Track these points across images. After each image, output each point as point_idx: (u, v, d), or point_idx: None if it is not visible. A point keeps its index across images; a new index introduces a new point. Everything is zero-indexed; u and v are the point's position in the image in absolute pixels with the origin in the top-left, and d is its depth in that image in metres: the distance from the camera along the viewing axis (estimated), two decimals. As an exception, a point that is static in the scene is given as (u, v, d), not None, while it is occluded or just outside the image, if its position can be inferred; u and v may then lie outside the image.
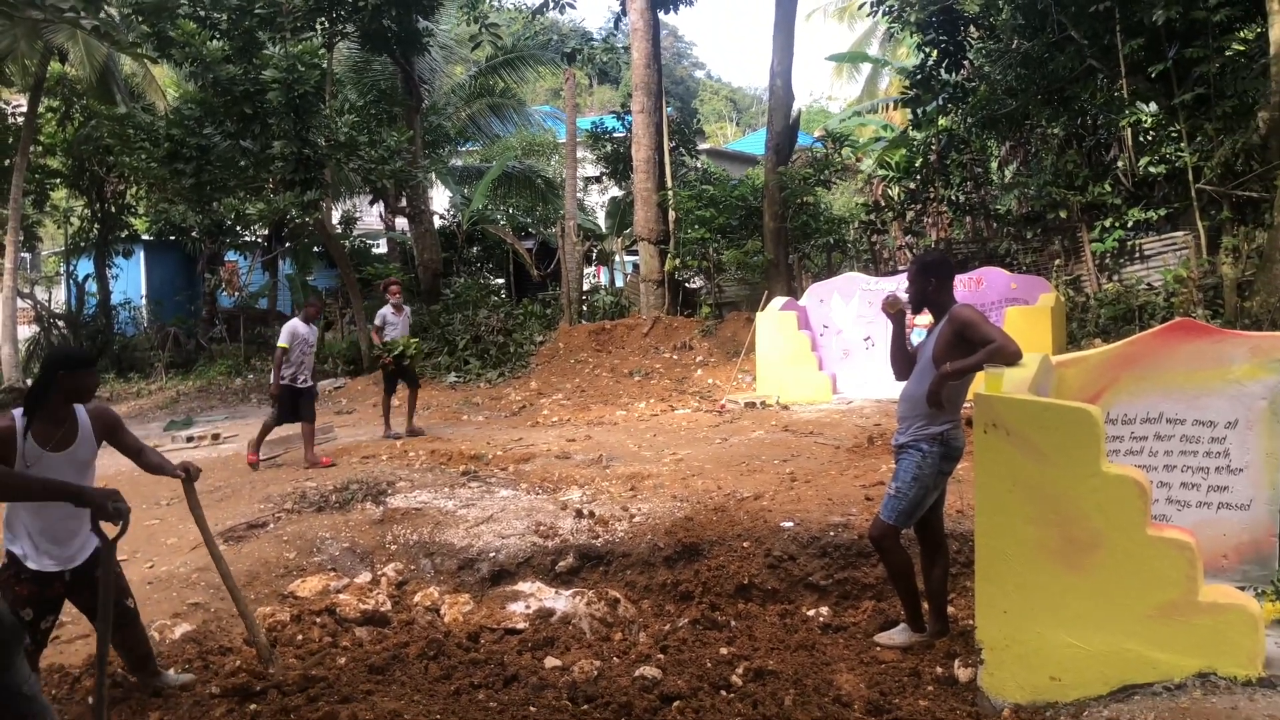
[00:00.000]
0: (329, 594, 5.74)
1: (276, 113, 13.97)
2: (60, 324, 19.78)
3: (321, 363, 16.79)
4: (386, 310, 10.84)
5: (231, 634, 5.18)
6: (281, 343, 9.28)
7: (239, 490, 8.08)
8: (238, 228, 19.53)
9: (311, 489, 7.79)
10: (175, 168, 14.14)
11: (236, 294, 21.19)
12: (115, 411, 4.35)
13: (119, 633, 4.22)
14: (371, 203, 21.79)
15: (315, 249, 20.93)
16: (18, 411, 3.95)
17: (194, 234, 19.97)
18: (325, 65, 15.84)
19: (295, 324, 9.40)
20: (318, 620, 5.29)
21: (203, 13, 14.72)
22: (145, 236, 21.57)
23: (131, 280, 21.75)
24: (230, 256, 22.05)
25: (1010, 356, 4.14)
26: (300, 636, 5.11)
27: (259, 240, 21.32)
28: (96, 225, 19.59)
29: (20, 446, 3.84)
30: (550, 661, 4.61)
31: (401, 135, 16.26)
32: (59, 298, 22.27)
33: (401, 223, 20.95)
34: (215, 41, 14.20)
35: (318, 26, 16.90)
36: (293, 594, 5.85)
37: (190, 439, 11.14)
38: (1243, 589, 3.93)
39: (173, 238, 21.24)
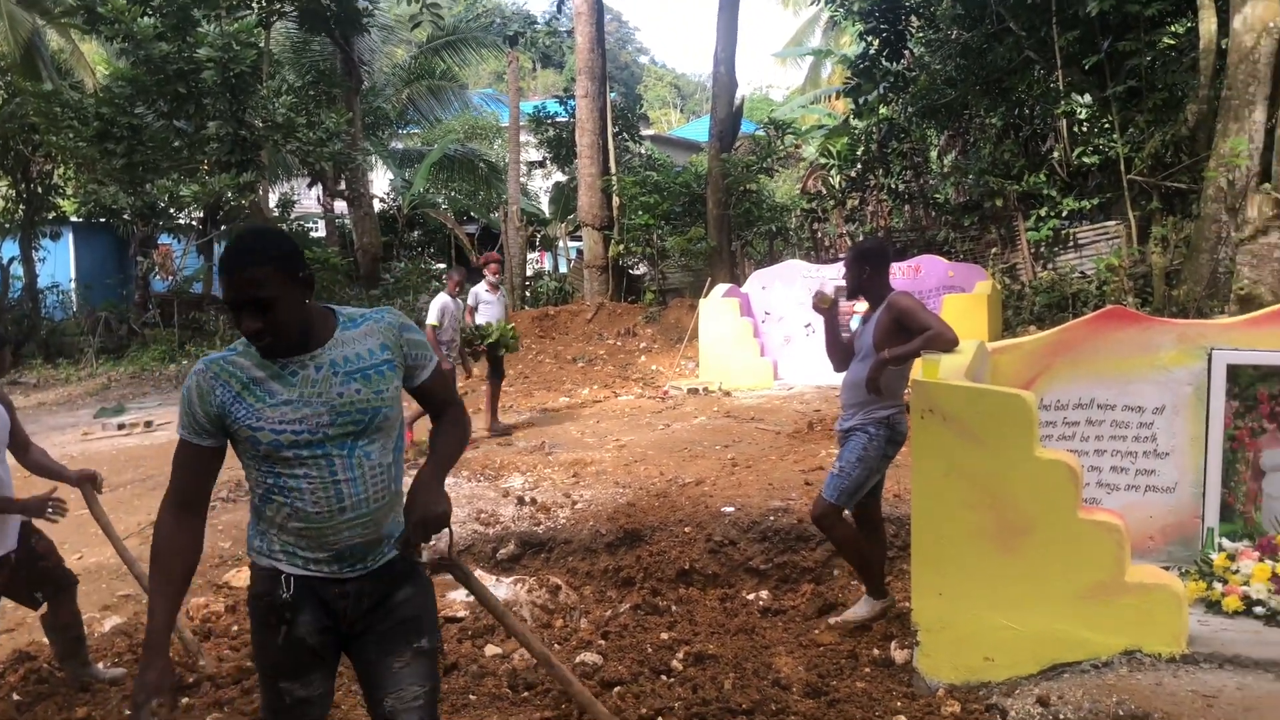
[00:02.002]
0: (265, 583, 5.64)
1: (211, 92, 13.65)
2: (-16, 308, 19.15)
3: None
4: (481, 288, 9.55)
5: (164, 625, 5.07)
6: (431, 320, 8.51)
7: (172, 478, 7.90)
8: (171, 210, 18.99)
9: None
10: (105, 147, 13.76)
11: (170, 278, 20.65)
12: (9, 402, 4.20)
13: (57, 605, 4.15)
14: (310, 185, 21.40)
15: (252, 232, 20.48)
16: None
17: (125, 216, 19.38)
18: (262, 44, 15.52)
19: (444, 298, 8.70)
20: (253, 610, 5.20)
21: (134, -13, 14.32)
22: (74, 218, 20.91)
23: (60, 263, 21.09)
24: (164, 240, 21.47)
25: (947, 343, 4.21)
26: (236, 627, 5.02)
27: (193, 223, 20.81)
28: (22, 206, 18.96)
29: None
30: (490, 649, 4.59)
31: (340, 117, 16.01)
32: (-18, 281, 21.54)
33: (340, 206, 20.63)
34: (147, 18, 13.80)
35: (254, 5, 16.52)
36: (228, 584, 5.74)
37: (121, 426, 10.87)
38: (1168, 569, 4.05)
39: (103, 220, 20.59)
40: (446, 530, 2.36)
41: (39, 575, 4.13)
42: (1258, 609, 3.87)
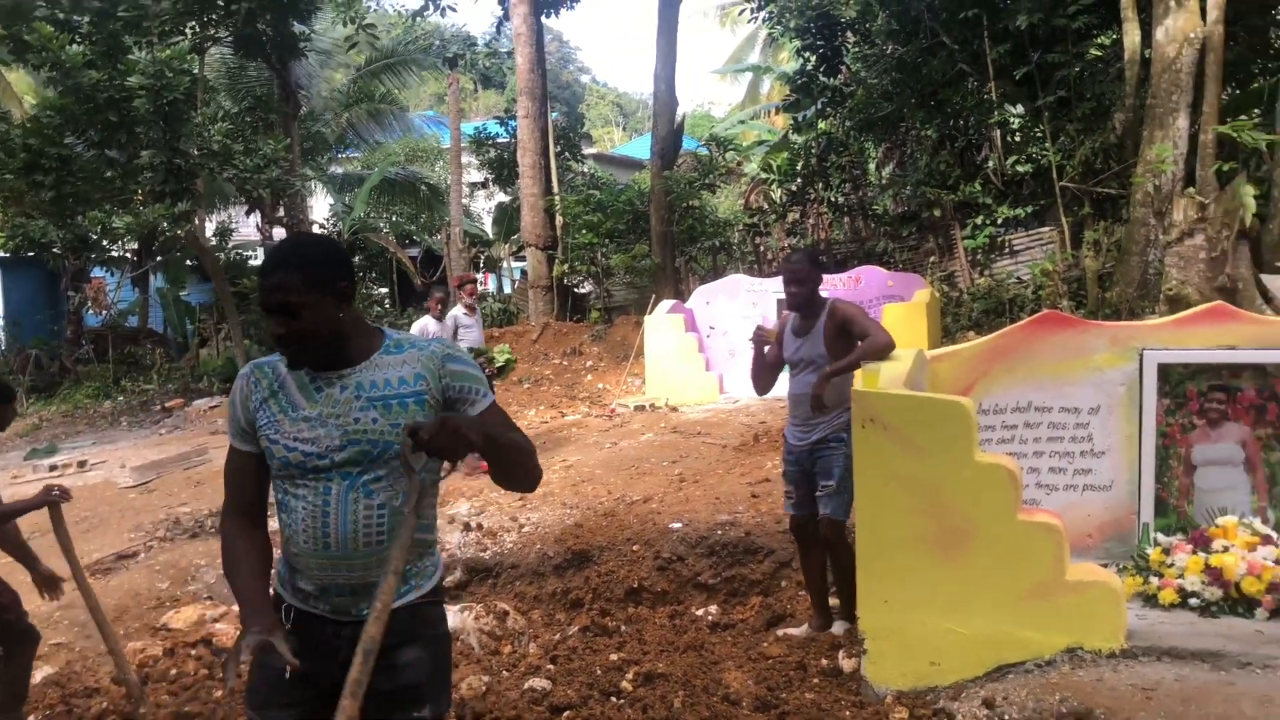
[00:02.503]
0: (205, 624, 5.49)
1: (144, 121, 13.35)
2: (-92, 347, 18.57)
3: (196, 380, 16.16)
4: (458, 312, 9.03)
5: (98, 674, 4.92)
6: None
7: (106, 520, 7.69)
8: (104, 242, 18.59)
9: (185, 514, 7.48)
10: (33, 179, 13.36)
11: (104, 312, 20.17)
12: None
13: (12, 658, 4.02)
14: (248, 213, 21.06)
15: (189, 262, 20.12)
16: None
17: (56, 250, 18.95)
18: (196, 71, 15.25)
19: (426, 320, 8.73)
20: (193, 652, 5.06)
21: (62, 15, 13.97)
22: (1, 253, 20.38)
23: (-12, 299, 20.52)
24: (97, 273, 21.00)
25: (885, 350, 4.27)
26: (174, 670, 4.88)
27: (127, 255, 20.38)
28: (-54, 241, 18.43)
29: None
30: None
31: (278, 143, 15.77)
32: (-93, 319, 20.88)
33: (280, 233, 20.32)
34: (76, 45, 13.49)
35: (187, 31, 16.25)
36: (165, 626, 5.58)
37: (53, 467, 10.53)
38: (1106, 566, 4.10)
39: (32, 254, 20.10)
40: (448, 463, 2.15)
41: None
42: (1192, 600, 3.95)
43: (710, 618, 5.25)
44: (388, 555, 2.11)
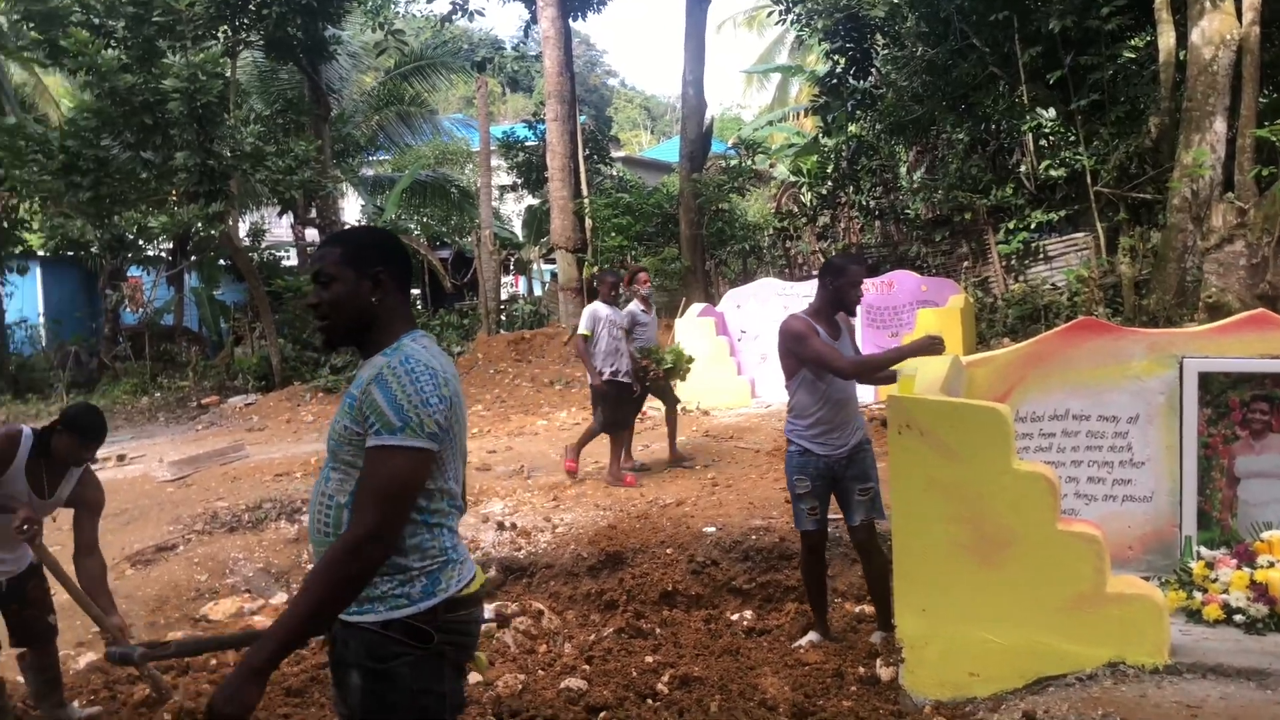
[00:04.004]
0: (243, 616, 5.59)
1: (178, 123, 13.52)
2: (-50, 344, 18.86)
3: (231, 378, 16.32)
4: (636, 308, 8.29)
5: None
6: (582, 329, 7.85)
7: (146, 512, 7.80)
8: (140, 242, 18.84)
9: (223, 509, 7.57)
10: (71, 180, 13.59)
11: (140, 310, 20.45)
12: (102, 498, 4.26)
13: (35, 651, 4.12)
14: (280, 214, 21.28)
15: (222, 262, 20.36)
16: (28, 431, 3.93)
17: (94, 249, 19.22)
18: (229, 74, 15.43)
19: (595, 306, 7.98)
20: (231, 645, 5.12)
21: (97, 20, 14.19)
22: (41, 253, 20.69)
23: (28, 298, 20.83)
24: (133, 272, 21.28)
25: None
26: (214, 661, 4.95)
27: (163, 254, 20.64)
28: (-13, 241, 18.72)
29: (12, 466, 3.84)
30: (474, 677, 4.54)
31: (309, 145, 15.93)
32: (-52, 317, 21.23)
33: (312, 234, 20.53)
34: (111, 50, 13.70)
35: (220, 34, 16.45)
36: (205, 617, 5.67)
37: (94, 461, 10.71)
38: (1148, 579, 4.07)
39: (71, 254, 20.41)
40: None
41: (19, 621, 4.09)
42: (1238, 617, 3.89)
43: (745, 623, 5.26)
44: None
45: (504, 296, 19.81)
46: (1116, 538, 4.36)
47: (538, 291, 22.74)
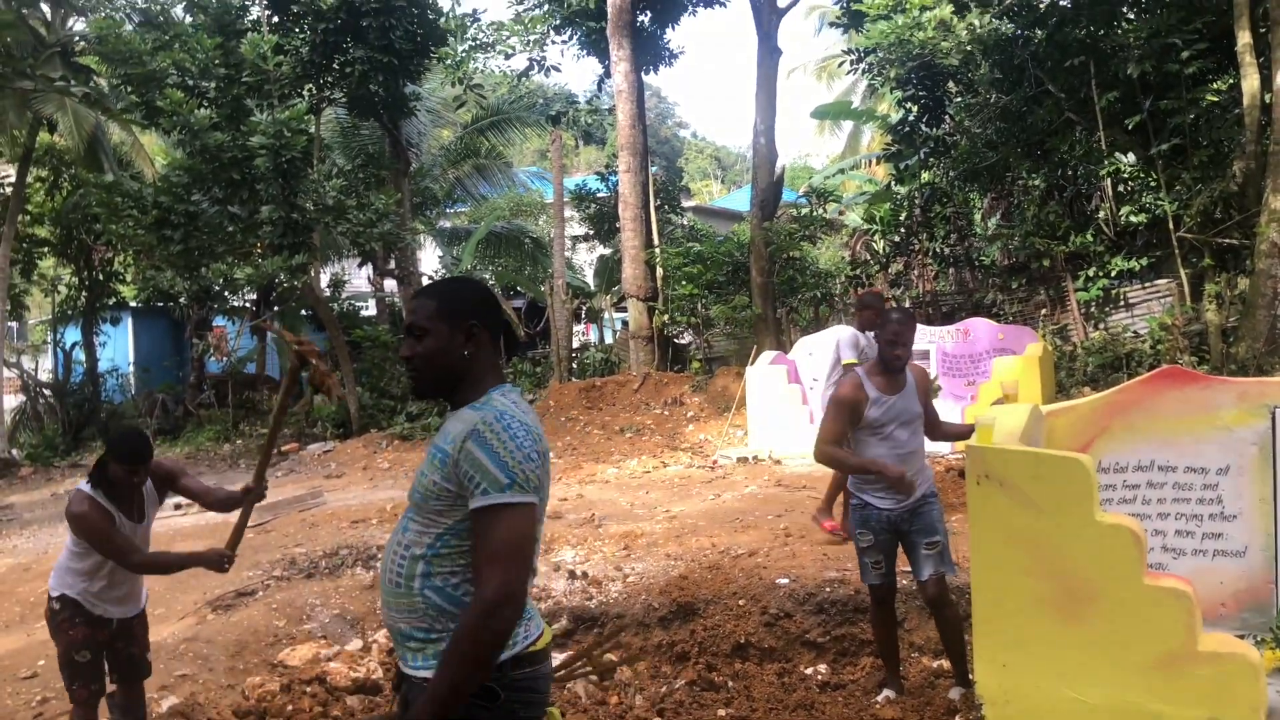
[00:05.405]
0: (319, 662, 5.65)
1: (264, 178, 14.06)
2: (47, 393, 19.68)
3: (310, 425, 16.68)
4: (861, 337, 7.14)
5: (220, 705, 5.08)
6: (847, 357, 6.95)
7: (227, 557, 7.97)
8: (225, 293, 19.54)
9: (301, 555, 7.70)
10: (163, 234, 14.17)
11: (225, 359, 21.13)
12: (174, 463, 4.51)
13: (127, 687, 4.25)
14: (360, 265, 21.88)
15: (304, 312, 20.95)
16: (86, 487, 4.05)
17: (182, 300, 19.97)
18: (313, 130, 16.01)
19: (855, 333, 7.04)
20: (308, 690, 5.19)
21: (191, 81, 14.90)
22: (133, 303, 21.55)
23: (119, 347, 21.68)
24: (218, 322, 22.03)
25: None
26: (290, 707, 5.01)
27: (247, 305, 21.35)
28: (84, 293, 19.58)
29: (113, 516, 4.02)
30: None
31: (389, 198, 16.39)
32: (45, 366, 22.18)
33: (391, 284, 21.03)
34: (203, 109, 14.34)
35: (305, 93, 17.10)
36: (282, 663, 5.74)
37: (178, 506, 10.98)
38: (1242, 637, 3.90)
39: (160, 304, 21.24)
40: None
41: (122, 658, 4.22)
42: (1339, 678, 3.72)
43: (820, 677, 5.16)
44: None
45: (576, 344, 19.98)
46: (1208, 594, 4.19)
47: (609, 339, 22.90)
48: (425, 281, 20.82)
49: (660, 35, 19.21)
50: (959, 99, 16.19)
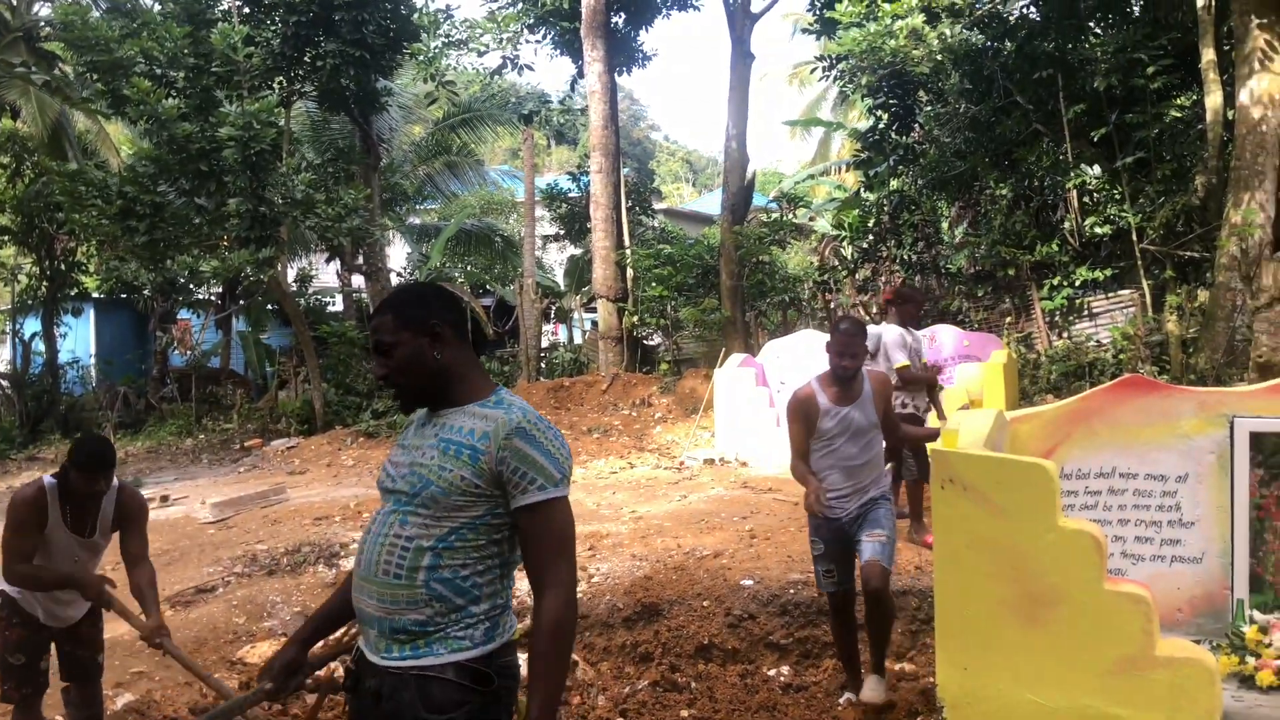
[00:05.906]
0: (279, 660, 5.58)
1: (232, 170, 13.89)
2: (4, 384, 19.33)
3: (274, 421, 16.52)
4: (907, 334, 6.92)
5: (177, 703, 5.02)
6: (898, 360, 6.60)
7: (187, 554, 7.89)
8: (191, 285, 19.31)
9: (263, 551, 7.63)
10: (128, 225, 13.96)
11: (189, 352, 20.88)
12: (143, 508, 4.25)
13: (79, 686, 4.17)
14: (328, 260, 21.69)
15: (270, 306, 20.75)
16: (50, 481, 3.92)
17: (146, 292, 19.70)
18: (282, 123, 15.84)
19: (901, 332, 6.73)
20: (267, 687, 5.13)
21: (159, 71, 14.69)
22: (95, 295, 21.23)
23: (81, 339, 21.35)
24: (183, 315, 21.77)
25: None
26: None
27: (212, 298, 21.11)
28: (45, 283, 19.25)
29: (50, 519, 3.89)
30: (508, 727, 4.50)
31: (359, 193, 16.26)
32: (4, 356, 21.79)
33: (358, 280, 20.88)
34: (171, 99, 14.15)
35: (275, 85, 16.94)
36: (242, 660, 5.68)
37: (164, 497, 10.85)
38: (1199, 642, 3.96)
39: (124, 296, 20.94)
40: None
41: (71, 660, 4.14)
42: (1292, 683, 3.78)
43: (783, 678, 5.18)
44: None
45: (545, 344, 19.93)
46: (1165, 599, 4.25)
47: (578, 339, 22.88)
48: (394, 278, 20.74)
49: (634, 37, 19.21)
50: (929, 108, 16.33)
